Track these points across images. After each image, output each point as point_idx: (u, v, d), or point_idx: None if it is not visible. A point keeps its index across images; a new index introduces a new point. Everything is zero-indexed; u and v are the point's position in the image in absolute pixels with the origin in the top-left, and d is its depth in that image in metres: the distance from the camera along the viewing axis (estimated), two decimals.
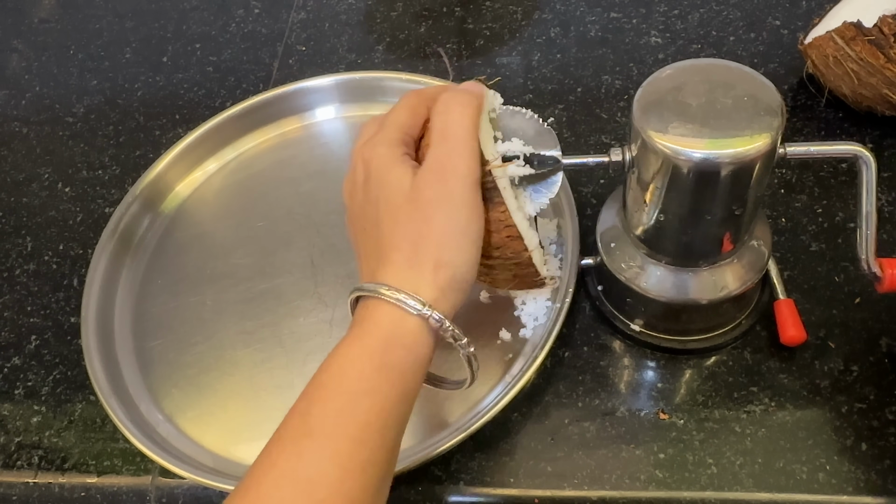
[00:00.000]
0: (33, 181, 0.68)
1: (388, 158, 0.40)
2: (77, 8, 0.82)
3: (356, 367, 0.37)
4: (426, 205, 0.39)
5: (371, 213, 0.41)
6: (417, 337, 0.38)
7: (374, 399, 0.37)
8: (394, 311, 0.38)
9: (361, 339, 0.38)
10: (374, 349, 0.37)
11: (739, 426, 0.48)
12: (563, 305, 0.50)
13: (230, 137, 0.65)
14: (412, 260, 0.39)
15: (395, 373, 0.38)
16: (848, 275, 0.53)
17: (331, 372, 0.38)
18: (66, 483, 0.51)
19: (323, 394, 0.37)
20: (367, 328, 0.38)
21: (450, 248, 0.39)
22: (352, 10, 0.76)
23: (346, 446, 0.36)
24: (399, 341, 0.38)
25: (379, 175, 0.40)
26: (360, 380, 0.37)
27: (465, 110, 0.40)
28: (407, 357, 0.38)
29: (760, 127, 0.39)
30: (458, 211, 0.39)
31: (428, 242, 0.39)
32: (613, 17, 0.71)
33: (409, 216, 0.39)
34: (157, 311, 0.57)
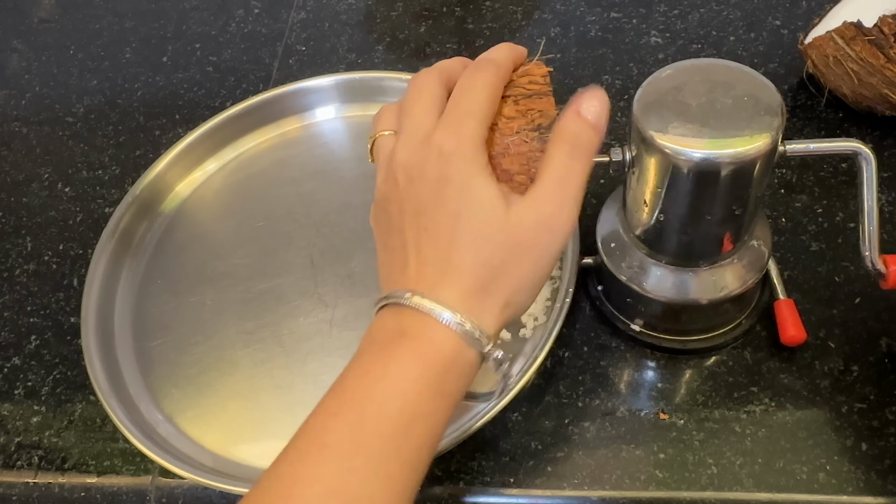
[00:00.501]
0: (33, 181, 0.68)
1: (476, 167, 0.37)
2: (77, 8, 0.82)
3: (415, 389, 0.35)
4: (523, 249, 0.37)
5: (442, 221, 0.37)
6: (472, 368, 0.37)
7: (428, 424, 0.36)
8: (456, 340, 0.36)
9: (422, 360, 0.35)
10: (435, 373, 0.35)
11: (739, 426, 0.48)
12: (563, 305, 0.50)
13: (230, 137, 0.65)
14: (485, 289, 0.37)
15: (450, 400, 0.36)
16: (848, 275, 0.53)
17: (388, 387, 0.35)
18: (66, 483, 0.51)
19: (379, 410, 0.35)
20: (428, 348, 0.36)
21: (524, 293, 0.38)
22: (352, 10, 0.76)
23: (398, 470, 0.34)
24: (457, 371, 0.36)
25: (463, 184, 0.36)
26: (419, 403, 0.35)
27: (589, 157, 0.37)
28: (460, 386, 0.37)
29: (760, 127, 0.39)
30: (549, 265, 0.38)
31: (508, 282, 0.37)
32: (613, 17, 0.71)
33: (499, 254, 0.36)
34: (157, 311, 0.57)
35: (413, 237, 0.38)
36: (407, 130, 0.38)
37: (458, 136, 0.37)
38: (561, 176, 0.37)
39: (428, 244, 0.37)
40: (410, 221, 0.38)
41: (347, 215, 0.60)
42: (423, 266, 0.37)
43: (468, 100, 0.38)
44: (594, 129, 0.38)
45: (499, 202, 0.36)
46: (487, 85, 0.38)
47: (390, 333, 0.37)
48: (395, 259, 0.39)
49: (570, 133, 0.37)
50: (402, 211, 0.38)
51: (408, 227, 0.38)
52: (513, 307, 0.38)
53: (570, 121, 0.38)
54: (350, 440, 0.34)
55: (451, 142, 0.37)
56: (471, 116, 0.37)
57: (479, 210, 0.36)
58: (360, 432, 0.34)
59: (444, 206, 0.37)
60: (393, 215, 0.39)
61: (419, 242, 0.37)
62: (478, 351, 0.36)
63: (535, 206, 0.37)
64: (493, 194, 0.36)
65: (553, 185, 0.37)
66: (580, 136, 0.37)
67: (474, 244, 0.36)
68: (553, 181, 0.37)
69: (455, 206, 0.36)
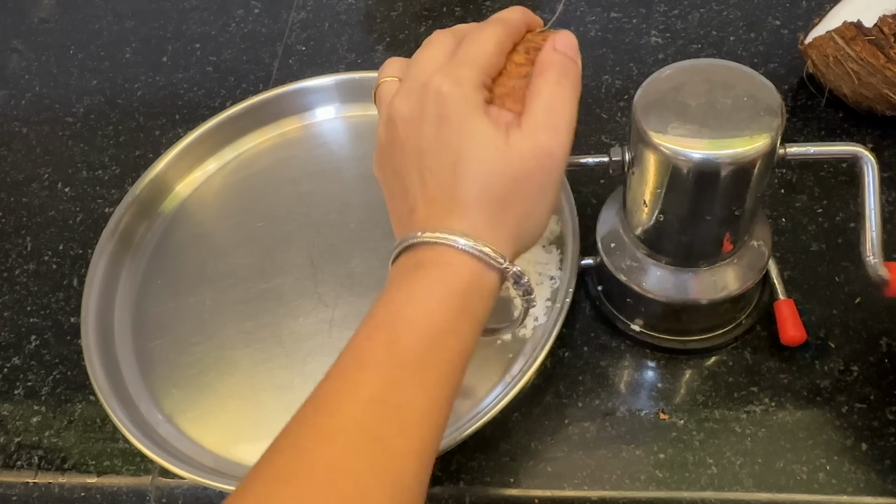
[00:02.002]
0: (33, 181, 0.68)
1: (472, 104, 0.38)
2: (77, 8, 0.82)
3: (442, 307, 0.37)
4: (524, 177, 0.38)
5: (444, 159, 0.38)
6: (493, 289, 0.39)
7: (457, 339, 0.37)
8: (474, 263, 0.38)
9: (444, 282, 0.37)
10: (458, 293, 0.37)
11: (739, 426, 0.48)
12: (563, 305, 0.49)
13: (230, 137, 0.65)
14: (493, 221, 0.38)
15: (474, 319, 0.38)
16: (848, 275, 0.53)
17: (415, 307, 0.37)
18: (65, 483, 0.51)
19: (411, 328, 0.37)
20: (448, 272, 0.37)
21: (532, 221, 0.39)
22: (352, 9, 0.76)
23: (434, 379, 0.36)
24: (479, 291, 0.38)
25: (461, 121, 0.38)
26: (445, 320, 0.37)
27: (574, 84, 0.39)
28: (484, 306, 0.39)
29: (760, 127, 0.39)
30: (552, 191, 0.39)
31: (515, 210, 0.38)
32: (613, 17, 0.71)
33: (502, 184, 0.38)
34: (156, 311, 0.57)
35: (417, 178, 0.39)
36: (410, 76, 0.40)
37: (457, 78, 0.38)
38: (550, 104, 0.39)
39: (433, 183, 0.39)
40: (413, 163, 0.39)
41: (347, 215, 0.60)
42: (430, 205, 0.39)
43: (472, 48, 0.39)
44: (572, 58, 0.40)
45: (497, 136, 0.38)
46: (493, 36, 0.40)
47: (410, 267, 0.38)
48: (402, 204, 0.41)
49: (551, 63, 0.39)
50: (405, 153, 0.40)
51: (411, 170, 0.39)
52: (524, 236, 0.39)
53: (548, 54, 0.40)
54: (387, 356, 0.36)
55: (449, 83, 0.38)
56: (472, 62, 0.39)
57: (479, 145, 0.38)
58: (395, 348, 0.36)
59: (444, 144, 0.38)
60: (396, 159, 0.40)
61: (424, 182, 0.39)
62: (496, 270, 0.38)
63: (530, 135, 0.38)
64: (490, 129, 0.38)
65: (544, 113, 0.38)
66: (563, 65, 0.39)
67: (478, 177, 0.38)
68: (543, 110, 0.38)
69: (455, 143, 0.38)
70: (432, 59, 0.40)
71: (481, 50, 0.39)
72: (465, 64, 0.39)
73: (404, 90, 0.40)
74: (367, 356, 0.37)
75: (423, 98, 0.39)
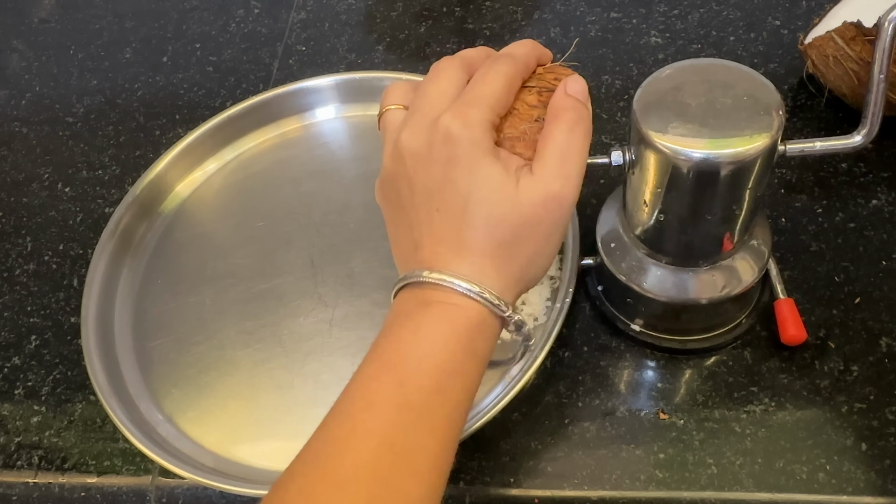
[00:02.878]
0: (33, 181, 0.68)
1: (482, 148, 0.38)
2: (77, 8, 0.82)
3: (447, 349, 0.37)
4: (533, 224, 0.38)
5: (453, 202, 0.38)
6: (496, 332, 0.39)
7: (464, 381, 0.37)
8: (478, 307, 0.38)
9: (451, 322, 0.37)
10: (463, 334, 0.37)
11: (739, 426, 0.48)
12: (563, 305, 0.50)
13: (230, 137, 0.65)
14: (499, 265, 0.38)
15: (479, 360, 0.38)
16: (848, 275, 0.53)
17: (422, 347, 0.37)
18: (66, 483, 0.51)
19: (418, 368, 0.36)
20: (454, 313, 0.37)
21: (536, 265, 0.39)
22: (352, 10, 0.76)
23: (442, 423, 0.36)
24: (483, 333, 0.38)
25: (470, 164, 0.37)
26: (452, 361, 0.37)
27: (587, 131, 0.39)
28: (487, 347, 0.39)
29: (760, 127, 0.39)
30: (559, 237, 0.39)
31: (520, 257, 0.38)
32: (613, 17, 0.71)
33: (510, 229, 0.38)
34: (157, 311, 0.57)
35: (425, 217, 0.39)
36: (419, 110, 0.39)
37: (466, 119, 0.38)
38: (563, 151, 0.38)
39: (440, 224, 0.39)
40: (422, 202, 0.39)
41: (347, 215, 0.60)
42: (436, 245, 0.39)
43: (481, 87, 0.39)
44: (584, 105, 0.40)
45: (508, 181, 0.38)
46: (503, 75, 0.39)
47: (415, 305, 0.38)
48: (407, 238, 0.40)
49: (564, 110, 0.39)
50: (413, 190, 0.39)
51: (420, 207, 0.39)
52: (526, 280, 0.40)
53: (561, 100, 0.39)
54: (395, 398, 0.36)
55: (458, 124, 0.38)
56: (482, 102, 0.38)
57: (489, 190, 0.37)
58: (403, 390, 0.36)
59: (453, 186, 0.38)
60: (402, 194, 0.40)
61: (431, 222, 0.39)
62: (498, 317, 0.38)
63: (542, 183, 0.38)
64: (501, 174, 0.38)
65: (556, 160, 0.38)
66: (575, 112, 0.39)
67: (486, 223, 0.38)
68: (555, 157, 0.38)
69: (465, 187, 0.38)
70: (441, 93, 0.39)
71: (491, 89, 0.39)
72: (474, 104, 0.38)
73: (412, 125, 0.39)
74: (374, 396, 0.36)
75: (433, 137, 0.38)
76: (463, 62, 0.41)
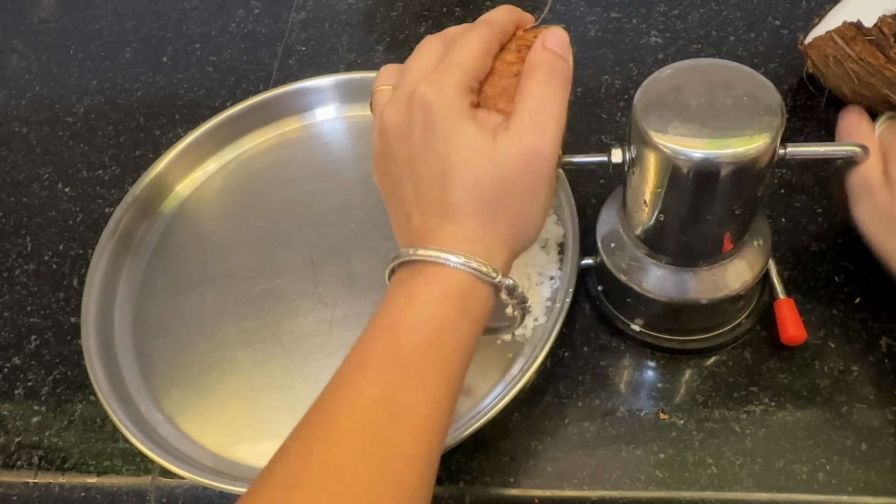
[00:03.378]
0: (33, 181, 0.68)
1: (458, 110, 0.38)
2: (77, 8, 0.82)
3: (440, 310, 0.38)
4: (513, 179, 0.38)
5: (434, 167, 0.39)
6: (490, 296, 0.40)
7: (457, 339, 0.38)
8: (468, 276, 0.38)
9: (441, 285, 0.38)
10: (455, 296, 0.38)
11: (739, 426, 0.48)
12: (563, 305, 0.50)
13: (230, 137, 0.65)
14: (488, 227, 0.39)
15: (473, 319, 0.39)
16: (848, 275, 0.53)
17: (414, 310, 0.38)
18: (66, 483, 0.51)
19: (410, 329, 0.37)
20: (445, 277, 0.38)
21: (525, 221, 0.40)
22: (352, 10, 0.76)
23: (436, 380, 0.37)
24: (475, 296, 0.39)
25: (447, 128, 0.38)
26: (443, 319, 0.38)
27: (564, 83, 0.39)
28: (482, 308, 0.39)
29: (760, 127, 0.39)
30: (543, 191, 0.40)
31: (507, 213, 0.39)
32: (613, 17, 0.71)
33: (491, 187, 0.38)
34: (157, 311, 0.57)
35: (412, 187, 0.40)
36: (400, 85, 0.41)
37: (440, 85, 0.39)
38: (537, 104, 0.39)
39: (425, 191, 0.39)
40: (406, 172, 0.40)
41: (347, 215, 0.60)
42: (425, 214, 0.40)
43: (456, 54, 0.40)
44: (562, 57, 0.40)
45: (483, 140, 0.38)
46: (478, 39, 0.40)
47: (409, 274, 0.39)
48: (399, 211, 0.42)
49: (539, 63, 0.40)
50: (397, 163, 0.41)
51: (405, 178, 0.40)
52: (519, 237, 0.40)
53: (538, 53, 0.40)
54: (388, 358, 0.37)
55: (433, 91, 0.39)
56: (456, 67, 0.39)
57: (465, 150, 0.38)
58: (396, 350, 0.37)
59: (432, 151, 0.39)
60: (390, 168, 0.41)
61: (417, 190, 0.40)
62: (490, 283, 0.39)
63: (517, 137, 0.38)
64: (476, 133, 0.38)
65: (531, 114, 0.39)
66: (552, 64, 0.39)
67: (466, 183, 0.38)
68: (530, 111, 0.39)
69: (443, 150, 0.38)
70: (420, 66, 0.40)
71: (466, 54, 0.40)
72: (448, 69, 0.39)
73: (394, 100, 0.41)
74: (369, 359, 0.37)
75: (411, 107, 0.39)
76: (445, 37, 0.42)
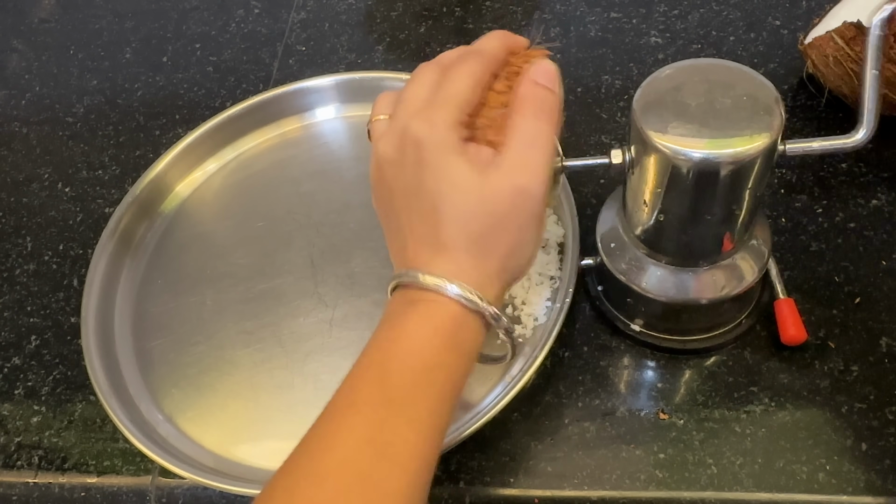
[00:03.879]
0: (33, 181, 0.68)
1: (448, 147, 0.39)
2: (77, 8, 0.82)
3: (431, 345, 0.38)
4: (503, 215, 0.39)
5: (425, 203, 0.39)
6: (480, 328, 0.40)
7: (447, 374, 0.38)
8: (461, 307, 0.39)
9: (432, 318, 0.38)
10: (447, 331, 0.38)
11: (739, 426, 0.48)
12: (563, 305, 0.50)
13: (230, 137, 0.65)
14: (479, 262, 0.39)
15: (465, 355, 0.39)
16: (848, 275, 0.53)
17: (404, 347, 0.38)
18: (66, 483, 0.51)
19: (399, 365, 0.38)
20: (436, 310, 0.38)
21: (517, 255, 0.40)
22: (352, 10, 0.76)
23: (424, 415, 0.37)
24: (467, 329, 0.39)
25: (437, 165, 0.38)
26: (436, 355, 0.38)
27: (552, 117, 0.40)
28: (473, 342, 0.40)
29: (760, 126, 0.39)
30: (534, 226, 0.40)
31: (498, 248, 0.39)
32: (613, 17, 0.71)
33: (481, 223, 0.39)
34: (157, 311, 0.57)
35: (406, 220, 0.41)
36: (395, 117, 0.41)
37: (431, 121, 0.39)
38: (529, 140, 0.39)
39: (419, 225, 0.40)
40: (402, 206, 0.41)
41: (347, 215, 0.60)
42: (417, 246, 0.40)
43: (447, 88, 0.40)
44: (551, 91, 0.40)
45: (473, 176, 0.38)
46: (470, 74, 0.40)
47: (402, 304, 0.40)
48: (396, 240, 0.42)
49: (529, 98, 0.40)
50: (393, 196, 0.41)
51: (401, 212, 0.41)
52: (510, 270, 0.40)
53: (527, 88, 0.40)
54: (376, 394, 0.37)
55: (425, 128, 0.39)
56: (447, 102, 0.39)
57: (455, 186, 0.38)
58: (384, 386, 0.37)
59: (424, 187, 0.39)
60: (386, 200, 0.42)
61: (412, 224, 0.40)
62: (481, 316, 0.39)
63: (508, 174, 0.39)
64: (466, 170, 0.38)
65: (522, 150, 0.39)
66: (541, 100, 0.40)
67: (457, 219, 0.39)
68: (521, 146, 0.39)
69: (433, 187, 0.39)
70: (414, 98, 0.41)
71: (457, 88, 0.40)
72: (440, 106, 0.39)
73: (388, 133, 0.41)
74: (357, 396, 0.38)
75: (403, 143, 0.40)
76: (439, 65, 0.42)
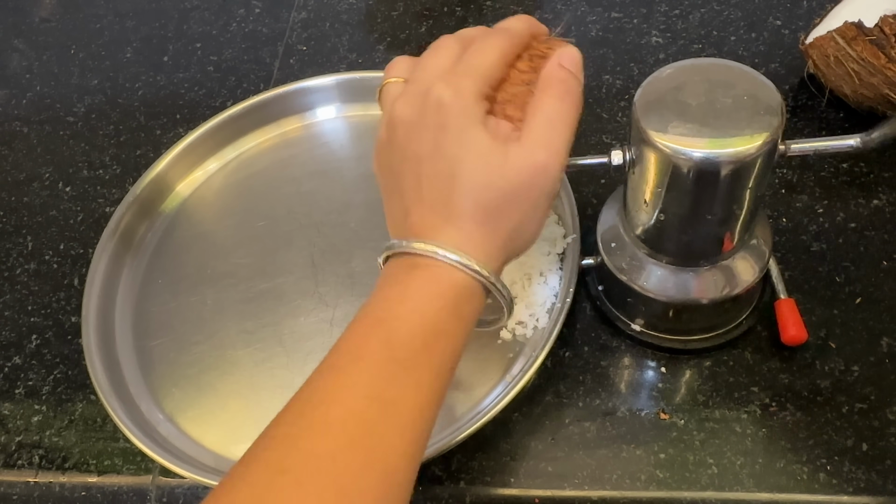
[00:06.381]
0: (34, 181, 0.68)
1: (473, 117, 0.38)
2: (78, 7, 0.82)
3: (434, 308, 0.38)
4: (519, 191, 0.39)
5: (442, 168, 0.39)
6: (481, 298, 0.40)
7: (449, 340, 0.38)
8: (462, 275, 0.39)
9: (437, 283, 0.38)
10: (449, 297, 0.38)
11: (740, 426, 0.48)
12: (564, 305, 0.50)
13: (231, 137, 0.65)
14: (485, 231, 0.39)
15: (465, 323, 0.39)
16: (848, 275, 0.53)
17: (409, 306, 0.38)
18: (66, 482, 0.51)
19: (404, 326, 0.37)
20: (440, 276, 0.38)
21: (523, 231, 0.40)
22: (352, 9, 0.76)
23: (426, 378, 0.37)
24: (468, 297, 0.39)
25: (459, 132, 0.38)
26: (439, 320, 0.38)
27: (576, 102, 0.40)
28: (473, 310, 0.40)
29: (760, 126, 0.39)
30: (545, 204, 0.40)
31: (507, 223, 0.39)
32: (614, 17, 0.71)
33: (497, 196, 0.39)
34: (157, 311, 0.57)
35: (415, 184, 0.40)
36: (414, 81, 0.41)
37: (458, 88, 0.39)
38: (551, 121, 0.39)
39: (429, 190, 0.39)
40: (411, 168, 0.40)
41: (348, 215, 0.60)
42: (425, 211, 0.40)
43: (475, 58, 0.40)
44: (576, 77, 0.40)
45: (494, 149, 0.38)
46: (496, 48, 0.40)
47: (404, 268, 0.39)
48: (398, 205, 0.42)
49: (555, 80, 0.40)
50: (403, 157, 0.40)
51: (409, 174, 0.40)
52: (515, 245, 0.41)
53: (553, 70, 0.40)
54: (382, 352, 0.37)
55: (450, 93, 0.39)
56: (474, 72, 0.39)
57: (476, 157, 0.38)
58: (391, 345, 0.37)
59: (442, 153, 0.39)
60: (394, 161, 0.41)
61: (420, 188, 0.40)
62: (482, 284, 0.39)
63: (529, 151, 0.39)
64: (488, 141, 0.38)
65: (543, 129, 0.39)
66: (565, 83, 0.40)
67: (473, 189, 0.38)
68: (543, 126, 0.39)
69: (453, 154, 0.38)
70: (437, 65, 0.40)
71: (484, 60, 0.40)
72: (467, 74, 0.39)
73: (407, 94, 0.40)
74: (363, 351, 0.37)
75: (425, 105, 0.39)
76: (461, 38, 0.42)
